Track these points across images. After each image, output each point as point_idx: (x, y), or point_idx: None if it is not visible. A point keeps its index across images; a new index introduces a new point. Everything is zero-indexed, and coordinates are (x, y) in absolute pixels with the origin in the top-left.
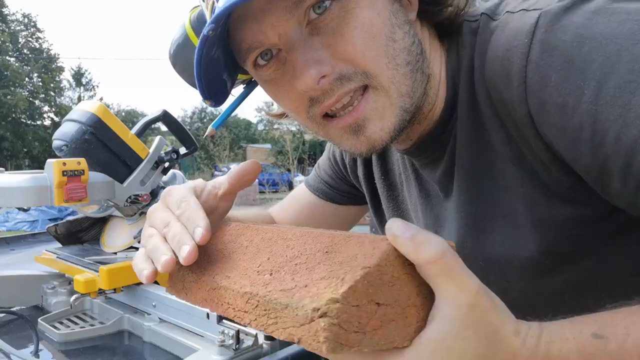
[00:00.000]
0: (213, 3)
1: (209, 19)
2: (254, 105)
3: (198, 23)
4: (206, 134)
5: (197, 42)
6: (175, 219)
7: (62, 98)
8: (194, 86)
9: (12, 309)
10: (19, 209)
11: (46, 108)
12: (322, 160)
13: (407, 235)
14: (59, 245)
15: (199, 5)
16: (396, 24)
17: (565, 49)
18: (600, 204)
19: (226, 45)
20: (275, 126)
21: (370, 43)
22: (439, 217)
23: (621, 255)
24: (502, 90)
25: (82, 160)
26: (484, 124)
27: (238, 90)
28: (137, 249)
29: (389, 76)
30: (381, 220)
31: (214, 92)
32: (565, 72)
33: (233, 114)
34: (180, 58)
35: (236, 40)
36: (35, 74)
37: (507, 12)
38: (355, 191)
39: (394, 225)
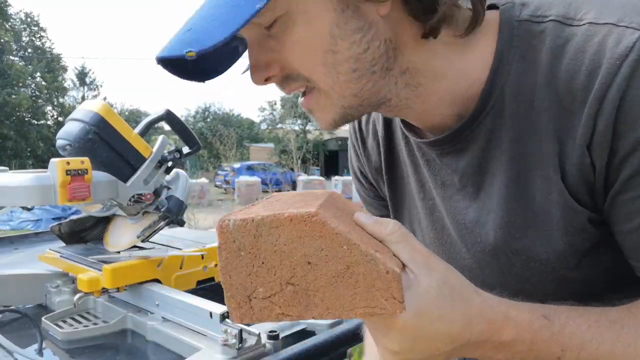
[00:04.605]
0: None
1: None
2: (257, 105)
3: None
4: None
5: None
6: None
7: (66, 97)
8: None
9: (16, 308)
10: (23, 208)
11: (49, 107)
12: (357, 190)
13: (372, 221)
14: (63, 244)
15: None
16: (339, 36)
17: None
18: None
19: None
20: (279, 125)
21: (306, 56)
22: (456, 206)
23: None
24: (580, 101)
25: (86, 159)
26: (539, 129)
27: None
28: (140, 248)
29: (327, 82)
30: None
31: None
32: (639, 105)
33: (236, 114)
34: None
35: None
36: (38, 74)
37: (589, 22)
38: None
39: (359, 216)
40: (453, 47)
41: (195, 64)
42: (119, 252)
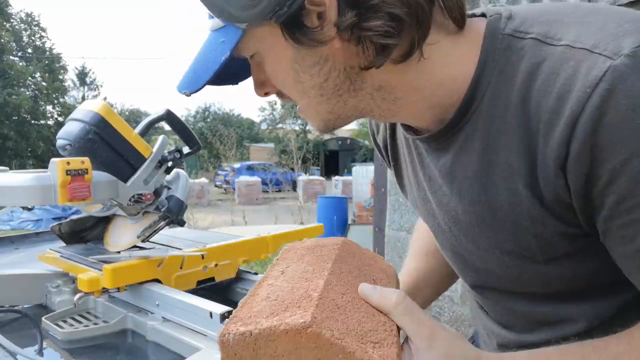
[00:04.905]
0: None
1: None
2: (257, 105)
3: None
4: None
5: None
6: None
7: (66, 97)
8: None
9: (16, 308)
10: (23, 208)
11: (50, 107)
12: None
13: (376, 294)
14: (63, 244)
15: None
16: (300, 70)
17: (621, 111)
18: (581, 226)
19: None
20: (279, 125)
21: (281, 85)
22: (441, 200)
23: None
24: (547, 123)
25: (86, 159)
26: (510, 145)
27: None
28: (140, 248)
29: (304, 103)
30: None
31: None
32: (616, 132)
33: (236, 114)
34: None
35: None
36: (38, 74)
37: (566, 45)
38: None
39: (363, 289)
40: (427, 62)
41: (217, 77)
42: (119, 252)
